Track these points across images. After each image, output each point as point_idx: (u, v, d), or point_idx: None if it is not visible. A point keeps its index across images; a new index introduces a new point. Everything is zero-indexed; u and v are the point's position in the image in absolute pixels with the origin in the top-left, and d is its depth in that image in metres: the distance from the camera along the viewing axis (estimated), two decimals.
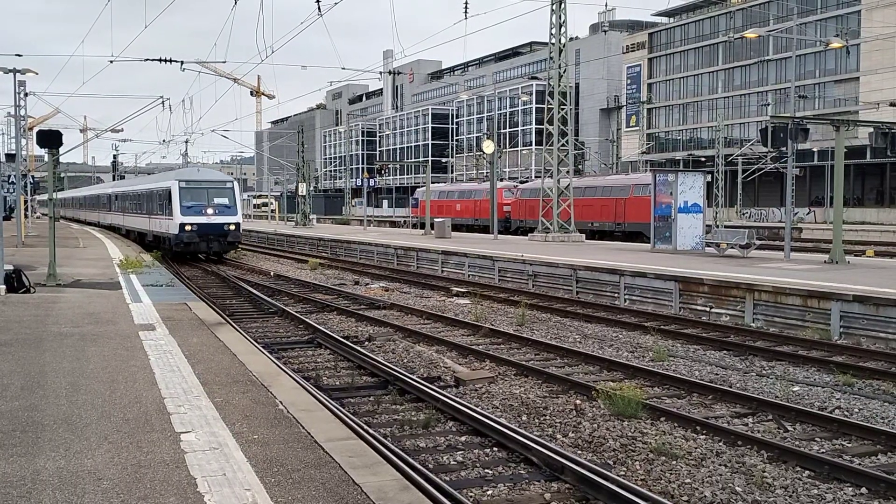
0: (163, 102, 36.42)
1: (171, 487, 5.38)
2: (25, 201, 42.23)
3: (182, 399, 7.75)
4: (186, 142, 66.02)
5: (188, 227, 31.03)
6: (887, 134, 22.36)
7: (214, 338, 11.38)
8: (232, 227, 31.93)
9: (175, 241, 31.32)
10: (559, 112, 34.70)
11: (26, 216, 42.17)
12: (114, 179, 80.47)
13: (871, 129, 23.26)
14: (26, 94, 33.44)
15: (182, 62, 33.61)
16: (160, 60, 32.37)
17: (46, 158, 19.57)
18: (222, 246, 32.40)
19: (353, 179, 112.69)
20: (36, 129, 22.15)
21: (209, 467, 5.79)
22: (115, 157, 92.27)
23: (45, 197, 74.59)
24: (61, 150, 19.02)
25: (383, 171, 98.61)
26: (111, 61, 33.41)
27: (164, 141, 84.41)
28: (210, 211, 31.56)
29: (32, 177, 54.69)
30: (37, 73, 31.05)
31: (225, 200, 32.15)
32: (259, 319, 17.90)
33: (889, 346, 14.20)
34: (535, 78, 75.06)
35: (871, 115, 58.17)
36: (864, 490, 7.51)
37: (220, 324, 13.04)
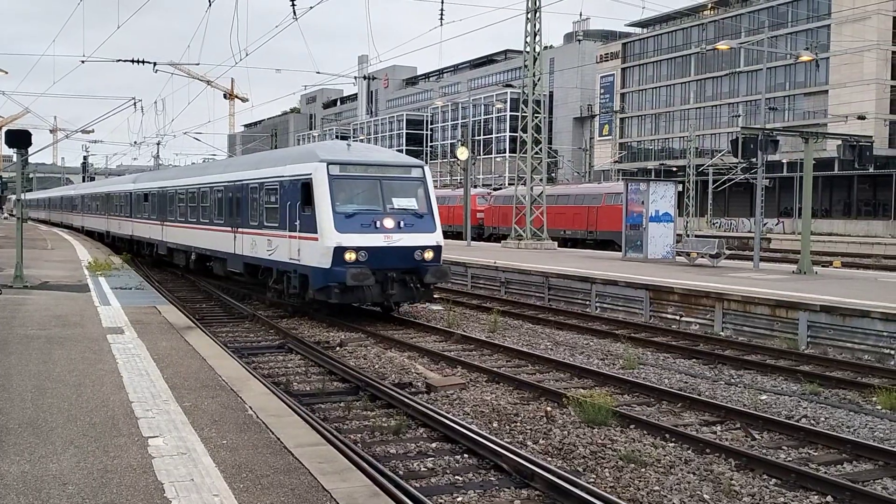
0: (135, 104, 36.05)
1: (138, 493, 5.32)
2: None
3: (150, 403, 7.67)
4: (158, 144, 65.35)
5: (351, 256, 16.38)
6: (855, 146, 22.69)
7: (184, 342, 11.28)
8: (429, 255, 17.44)
9: (323, 281, 16.57)
10: (533, 120, 34.85)
11: None
12: (83, 181, 79.38)
13: (840, 142, 23.62)
14: None
15: (155, 63, 33.32)
16: (132, 61, 32.08)
17: (15, 158, 19.31)
18: (411, 291, 17.30)
19: None
20: (5, 129, 21.87)
21: (177, 472, 5.73)
22: (85, 158, 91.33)
23: (33, 196, 71.43)
24: (31, 150, 18.78)
25: None
26: (83, 61, 33.14)
27: (135, 143, 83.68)
28: (389, 223, 16.93)
29: (0, 177, 53.86)
30: (6, 73, 30.72)
31: (411, 202, 17.70)
32: (230, 324, 17.76)
33: (855, 355, 14.39)
34: (510, 86, 75.43)
35: (840, 127, 59.03)
36: (829, 498, 7.60)
37: (190, 328, 12.93)
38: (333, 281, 16.34)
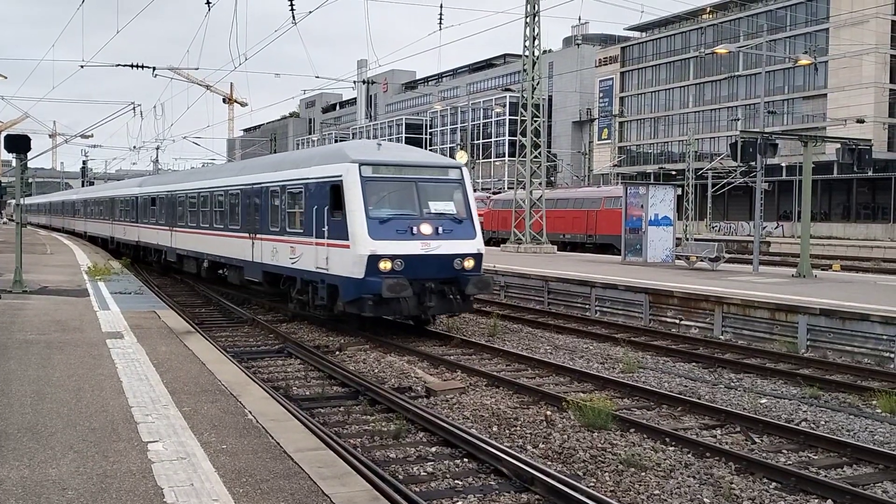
0: (134, 108, 36.12)
1: (138, 498, 5.31)
2: None
3: (150, 408, 7.66)
4: (157, 148, 65.28)
5: (386, 265, 15.04)
6: (854, 150, 22.70)
7: (183, 346, 11.27)
8: (470, 264, 15.98)
9: (356, 293, 15.24)
10: (532, 124, 34.86)
11: None
12: (83, 185, 79.38)
13: (839, 145, 23.64)
14: None
15: (154, 68, 33.38)
16: (132, 66, 32.16)
17: (14, 163, 19.31)
18: (450, 303, 15.74)
19: None
20: (4, 134, 21.86)
21: (176, 477, 5.73)
22: (84, 162, 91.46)
23: (33, 200, 71.02)
24: (30, 154, 18.79)
25: None
26: (82, 66, 33.25)
27: (134, 147, 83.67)
28: (426, 229, 15.55)
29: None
30: (6, 77, 30.75)
31: (449, 206, 16.26)
32: (229, 328, 17.75)
33: (855, 359, 14.39)
34: (509, 90, 75.51)
35: (839, 131, 59.10)
36: (829, 502, 7.60)
37: (190, 332, 12.92)
38: (367, 292, 14.96)
